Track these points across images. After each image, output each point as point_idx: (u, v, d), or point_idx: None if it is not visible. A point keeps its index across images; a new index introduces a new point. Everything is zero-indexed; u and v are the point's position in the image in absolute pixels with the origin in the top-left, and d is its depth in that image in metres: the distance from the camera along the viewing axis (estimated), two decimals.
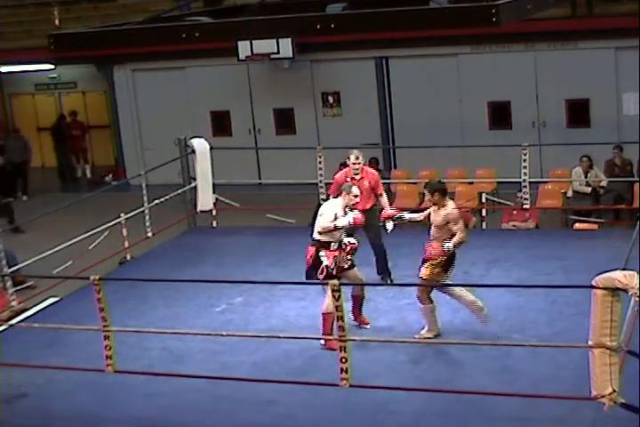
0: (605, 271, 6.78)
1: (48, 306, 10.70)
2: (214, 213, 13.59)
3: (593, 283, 6.71)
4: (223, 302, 10.34)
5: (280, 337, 8.55)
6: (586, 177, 14.47)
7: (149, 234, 12.84)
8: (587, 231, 12.92)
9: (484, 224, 13.02)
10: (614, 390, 6.72)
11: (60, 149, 21.59)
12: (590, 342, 6.77)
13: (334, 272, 8.90)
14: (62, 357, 8.89)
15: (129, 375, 8.17)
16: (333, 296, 7.23)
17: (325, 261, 8.94)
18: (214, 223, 13.66)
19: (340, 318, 7.30)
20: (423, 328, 8.92)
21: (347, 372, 7.32)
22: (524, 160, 12.47)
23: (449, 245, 8.64)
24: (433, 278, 8.72)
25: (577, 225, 13.48)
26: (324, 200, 13.41)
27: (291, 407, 7.81)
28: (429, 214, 8.89)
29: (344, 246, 9.04)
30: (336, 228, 8.96)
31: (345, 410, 7.67)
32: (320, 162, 13.25)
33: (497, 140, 17.06)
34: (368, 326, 9.28)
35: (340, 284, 7.32)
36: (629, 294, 6.64)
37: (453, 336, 8.80)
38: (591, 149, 14.55)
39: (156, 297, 10.53)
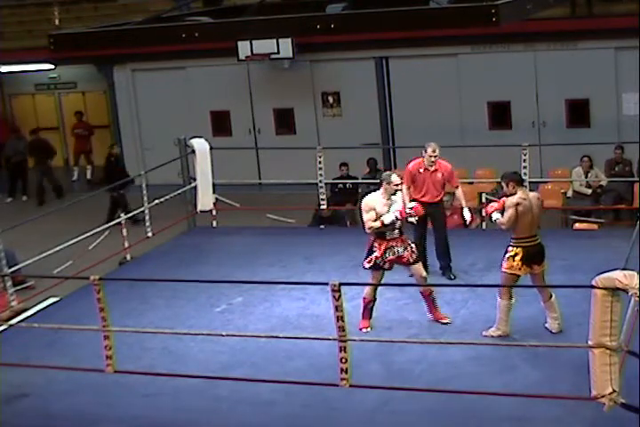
0: (605, 271, 6.78)
1: (48, 306, 10.70)
2: (214, 213, 13.59)
3: (593, 283, 6.71)
4: (223, 302, 10.34)
5: (280, 337, 8.55)
6: (586, 177, 14.48)
7: (149, 234, 12.84)
8: (587, 231, 12.93)
9: (483, 224, 12.99)
10: (614, 390, 6.72)
11: (39, 168, 20.16)
12: (590, 342, 6.77)
13: (383, 264, 8.91)
14: (62, 357, 8.89)
15: (129, 375, 8.17)
16: (333, 297, 7.22)
17: (376, 252, 8.92)
18: (214, 223, 13.65)
19: (340, 319, 7.29)
20: (490, 327, 8.79)
21: (347, 372, 7.32)
22: (524, 160, 12.47)
23: (495, 216, 8.64)
24: (511, 272, 8.59)
25: (577, 225, 13.48)
26: (328, 200, 13.49)
27: (291, 407, 7.80)
28: None
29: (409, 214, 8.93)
30: (385, 225, 8.86)
31: (345, 410, 7.67)
32: (320, 162, 13.24)
33: (497, 140, 17.06)
34: (448, 321, 9.16)
35: (341, 284, 7.31)
36: (629, 294, 6.64)
37: (453, 336, 8.80)
38: (591, 149, 14.56)
39: (156, 297, 10.53)
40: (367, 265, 8.98)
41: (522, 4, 11.63)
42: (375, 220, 8.87)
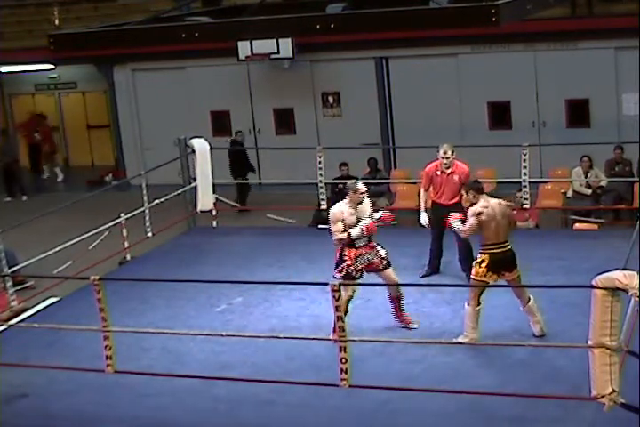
0: (605, 271, 6.78)
1: (48, 306, 10.71)
2: (214, 213, 13.60)
3: (593, 283, 6.71)
4: (223, 302, 10.35)
5: (280, 337, 8.55)
6: (586, 177, 14.48)
7: (149, 234, 12.84)
8: (587, 231, 12.92)
9: None
10: (614, 390, 6.72)
11: None
12: (590, 342, 6.77)
13: (355, 272, 8.81)
14: (62, 357, 8.90)
15: (129, 375, 8.17)
16: (333, 296, 7.22)
17: (347, 261, 8.81)
18: (214, 223, 13.66)
19: (340, 319, 7.30)
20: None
21: (347, 372, 7.32)
22: (524, 160, 12.47)
23: (455, 224, 8.83)
24: (478, 278, 8.60)
25: (577, 225, 13.47)
26: (329, 200, 13.48)
27: (291, 407, 7.81)
28: None
29: (377, 222, 8.87)
30: (351, 238, 8.74)
31: (345, 410, 7.67)
32: (320, 162, 13.25)
33: (497, 140, 17.04)
34: (416, 326, 9.14)
35: (340, 284, 7.31)
36: (629, 294, 6.64)
37: (453, 336, 8.80)
38: (591, 149, 14.55)
39: (156, 297, 10.53)
40: (338, 275, 8.80)
41: (522, 3, 11.62)
42: (343, 231, 8.75)
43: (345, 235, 8.75)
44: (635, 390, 6.71)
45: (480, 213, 8.61)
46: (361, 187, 8.92)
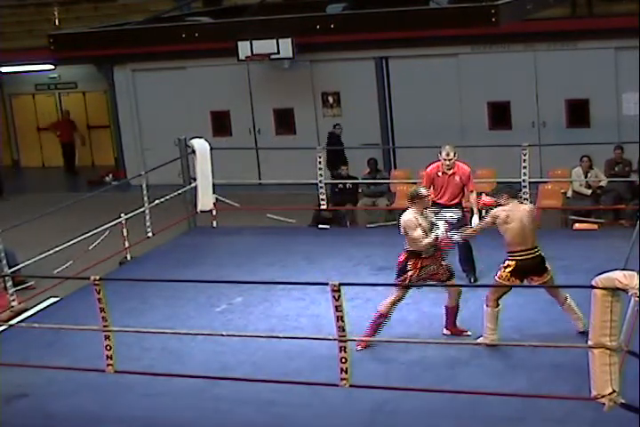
0: (605, 271, 6.78)
1: (48, 306, 10.71)
2: (214, 213, 13.60)
3: (593, 283, 6.72)
4: (223, 302, 10.35)
5: (280, 337, 8.55)
6: (586, 177, 14.48)
7: (149, 234, 12.85)
8: (587, 231, 12.93)
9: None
10: (614, 390, 6.72)
11: None
12: (590, 342, 6.78)
13: (415, 282, 8.64)
14: (62, 357, 8.90)
15: (129, 375, 8.17)
16: (333, 297, 7.22)
17: (410, 271, 8.63)
18: (214, 223, 13.66)
19: (340, 319, 7.30)
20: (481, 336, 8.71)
21: (347, 372, 7.32)
22: (524, 160, 12.48)
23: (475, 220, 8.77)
24: (500, 282, 8.57)
25: (577, 225, 13.48)
26: (328, 200, 13.50)
27: (291, 407, 7.81)
28: None
29: (438, 246, 8.63)
30: (437, 239, 8.56)
31: (345, 410, 7.67)
32: (320, 162, 13.25)
33: (497, 140, 17.06)
34: (470, 333, 8.95)
35: (340, 284, 7.30)
36: (629, 294, 6.64)
37: (453, 336, 8.80)
38: (591, 149, 14.56)
39: (156, 297, 10.53)
40: (400, 283, 8.65)
41: (522, 3, 11.61)
42: (425, 237, 8.54)
43: (431, 239, 8.53)
44: (635, 390, 6.72)
45: (497, 217, 8.60)
46: (425, 191, 8.79)
